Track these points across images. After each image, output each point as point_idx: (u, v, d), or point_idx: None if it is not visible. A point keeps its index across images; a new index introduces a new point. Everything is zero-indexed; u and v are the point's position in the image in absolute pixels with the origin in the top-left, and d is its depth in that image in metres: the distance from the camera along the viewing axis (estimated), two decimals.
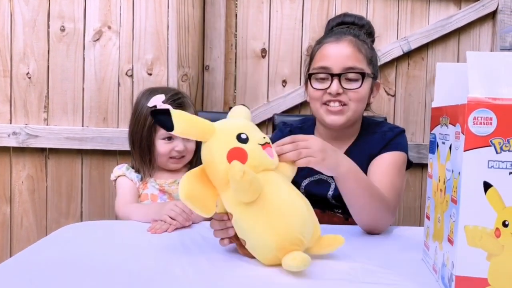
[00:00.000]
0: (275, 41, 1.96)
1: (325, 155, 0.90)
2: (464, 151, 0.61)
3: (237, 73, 1.96)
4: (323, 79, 1.18)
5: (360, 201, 1.00)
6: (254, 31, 1.95)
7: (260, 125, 1.94)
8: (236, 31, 1.96)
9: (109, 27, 1.87)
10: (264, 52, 1.96)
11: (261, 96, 1.97)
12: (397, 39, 2.00)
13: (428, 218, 0.81)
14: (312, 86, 1.20)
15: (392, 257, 0.88)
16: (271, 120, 1.88)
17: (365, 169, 1.16)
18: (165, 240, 0.97)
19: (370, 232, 1.05)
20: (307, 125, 1.35)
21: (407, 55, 2.01)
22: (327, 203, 1.23)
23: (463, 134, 0.61)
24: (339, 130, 1.21)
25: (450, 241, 0.65)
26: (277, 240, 0.77)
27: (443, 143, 0.72)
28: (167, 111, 0.81)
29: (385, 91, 2.01)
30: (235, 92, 1.97)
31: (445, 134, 0.71)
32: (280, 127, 1.40)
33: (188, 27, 1.83)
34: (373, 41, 1.29)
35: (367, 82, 1.19)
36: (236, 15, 1.95)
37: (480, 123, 0.60)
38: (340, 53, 1.17)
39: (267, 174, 0.82)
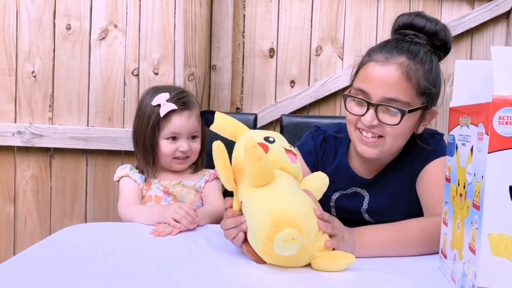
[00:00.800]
0: (283, 41, 1.92)
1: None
2: (488, 153, 0.57)
3: (245, 73, 1.93)
4: (360, 102, 1.02)
5: (398, 252, 0.91)
6: (262, 30, 1.92)
7: (268, 126, 1.90)
8: (244, 30, 1.92)
9: (115, 26, 1.84)
10: (272, 52, 1.92)
11: (269, 96, 1.93)
12: None
13: (445, 224, 0.77)
14: (346, 109, 1.05)
15: (407, 265, 0.84)
16: (278, 121, 1.84)
17: (409, 187, 1.08)
18: (168, 244, 0.93)
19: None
20: (344, 135, 1.17)
21: None
22: (360, 217, 1.15)
23: (487, 134, 0.57)
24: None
25: (472, 249, 0.61)
26: (271, 215, 0.77)
27: (464, 144, 0.68)
28: (212, 112, 0.91)
29: None
30: (242, 93, 1.93)
31: (466, 135, 0.67)
32: (313, 133, 1.23)
33: (195, 26, 1.80)
34: (446, 53, 1.09)
35: (412, 116, 1.01)
36: (244, 14, 1.92)
37: (506, 123, 0.56)
38: (383, 80, 0.98)
39: (282, 172, 0.86)
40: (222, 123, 0.91)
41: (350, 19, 1.93)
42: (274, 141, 0.88)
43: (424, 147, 1.07)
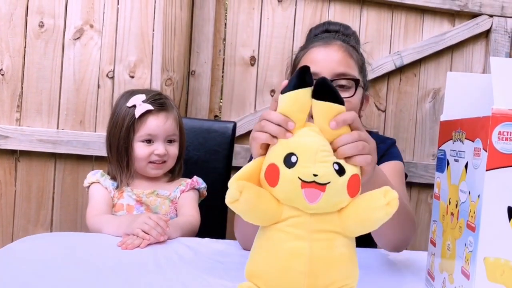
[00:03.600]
0: (264, 49, 1.88)
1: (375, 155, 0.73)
2: (486, 170, 0.53)
3: (224, 80, 1.88)
4: None
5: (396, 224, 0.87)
6: (244, 38, 1.87)
7: (246, 135, 1.85)
8: (225, 36, 1.87)
9: (91, 26, 1.77)
10: (253, 60, 1.88)
11: (248, 105, 1.88)
12: (389, 53, 1.94)
13: (433, 244, 0.73)
14: None
15: (391, 285, 0.79)
16: None
17: None
18: (136, 258, 0.86)
19: (397, 249, 0.95)
20: None
21: (400, 70, 1.96)
22: None
23: (485, 151, 0.53)
24: None
25: (465, 274, 0.57)
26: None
27: (456, 160, 0.64)
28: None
29: (376, 106, 1.95)
30: (221, 100, 1.88)
31: (459, 151, 0.63)
32: None
33: (175, 30, 1.74)
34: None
35: (360, 92, 1.07)
36: (225, 20, 1.87)
37: (506, 139, 0.52)
38: (330, 58, 1.04)
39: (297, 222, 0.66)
40: (288, 106, 0.67)
41: None
42: (294, 164, 0.64)
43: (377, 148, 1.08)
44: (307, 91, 0.66)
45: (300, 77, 0.65)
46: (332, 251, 0.65)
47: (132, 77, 1.79)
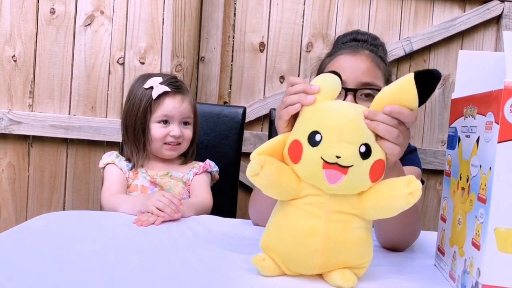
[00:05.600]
0: (274, 35, 1.89)
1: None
2: (498, 142, 0.54)
3: (234, 66, 1.88)
4: None
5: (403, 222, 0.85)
6: (253, 24, 1.88)
7: (255, 121, 1.86)
8: (234, 22, 1.88)
9: (102, 12, 1.78)
10: (262, 46, 1.88)
11: (258, 91, 1.89)
12: (399, 39, 1.94)
13: (443, 220, 0.74)
14: None
15: (402, 262, 0.80)
16: (267, 116, 1.81)
17: None
18: (151, 234, 0.88)
19: (395, 248, 0.91)
20: None
21: (409, 56, 1.95)
22: None
23: (497, 123, 0.54)
24: None
25: (476, 245, 0.58)
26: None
27: (468, 136, 0.65)
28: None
29: None
30: (230, 86, 1.89)
31: (471, 126, 0.64)
32: None
33: (185, 16, 1.75)
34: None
35: None
36: (235, 6, 1.87)
37: None
38: (356, 66, 1.03)
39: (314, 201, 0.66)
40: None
41: (342, 16, 1.90)
42: (319, 142, 0.63)
43: None
44: (335, 78, 0.69)
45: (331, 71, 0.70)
46: (348, 232, 0.66)
47: (143, 63, 1.80)
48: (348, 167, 0.62)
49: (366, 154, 0.63)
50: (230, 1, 1.86)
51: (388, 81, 1.09)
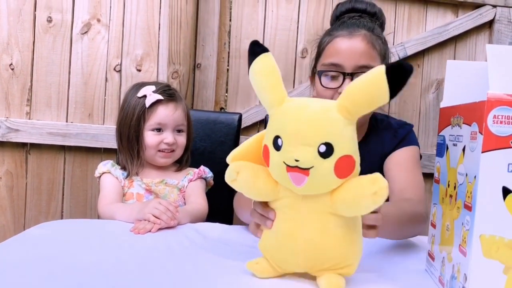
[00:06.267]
0: (269, 42, 1.91)
1: None
2: (482, 152, 0.56)
3: (230, 73, 1.90)
4: (333, 76, 1.10)
5: (395, 235, 0.94)
6: (249, 31, 1.90)
7: (251, 127, 1.88)
8: (230, 29, 1.90)
9: (98, 20, 1.80)
10: None
11: (254, 97, 1.91)
12: (393, 44, 1.96)
13: (433, 226, 0.76)
14: (321, 84, 1.11)
15: (393, 267, 0.82)
16: (263, 122, 1.83)
17: (377, 169, 1.08)
18: (148, 242, 0.90)
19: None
20: None
21: None
22: None
23: (481, 133, 0.56)
24: None
25: (463, 251, 0.60)
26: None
27: (455, 145, 0.67)
28: (265, 49, 0.69)
29: None
30: (226, 92, 1.91)
31: (458, 135, 0.66)
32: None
33: (181, 23, 1.77)
34: (383, 30, 1.22)
35: None
36: (230, 13, 1.90)
37: (501, 122, 0.55)
38: (353, 50, 1.08)
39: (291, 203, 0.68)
40: (264, 69, 0.68)
41: None
42: (281, 146, 0.64)
43: (395, 133, 1.16)
44: (267, 55, 0.68)
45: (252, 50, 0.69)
46: (327, 233, 0.66)
47: (139, 70, 1.82)
48: (308, 169, 0.62)
49: (326, 153, 0.62)
50: (225, 9, 1.89)
51: (384, 57, 1.13)
